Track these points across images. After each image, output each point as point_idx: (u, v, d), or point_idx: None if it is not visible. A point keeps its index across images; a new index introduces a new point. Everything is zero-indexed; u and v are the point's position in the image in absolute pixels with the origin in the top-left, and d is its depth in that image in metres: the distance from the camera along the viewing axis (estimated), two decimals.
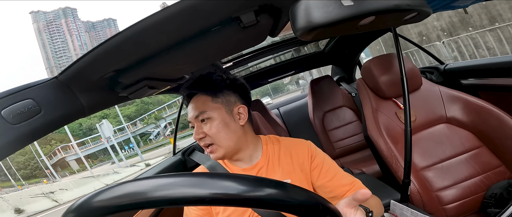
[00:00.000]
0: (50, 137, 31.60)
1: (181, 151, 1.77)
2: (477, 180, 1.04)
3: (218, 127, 0.74)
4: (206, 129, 0.74)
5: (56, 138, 32.62)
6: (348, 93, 2.23)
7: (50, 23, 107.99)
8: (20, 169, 27.43)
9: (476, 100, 1.10)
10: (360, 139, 2.05)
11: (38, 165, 28.43)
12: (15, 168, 27.55)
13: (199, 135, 0.74)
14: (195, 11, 0.43)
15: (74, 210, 0.28)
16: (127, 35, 0.44)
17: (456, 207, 1.02)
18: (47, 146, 31.58)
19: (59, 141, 32.24)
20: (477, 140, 1.09)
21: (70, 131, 28.55)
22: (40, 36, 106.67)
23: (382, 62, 1.20)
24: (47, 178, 24.95)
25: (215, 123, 0.74)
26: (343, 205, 0.47)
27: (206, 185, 0.27)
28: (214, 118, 0.75)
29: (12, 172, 27.29)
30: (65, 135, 30.69)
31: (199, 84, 0.77)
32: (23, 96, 0.47)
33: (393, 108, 1.19)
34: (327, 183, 0.78)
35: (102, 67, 0.53)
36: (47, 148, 31.28)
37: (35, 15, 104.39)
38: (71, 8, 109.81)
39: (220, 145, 0.74)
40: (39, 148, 24.67)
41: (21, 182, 24.96)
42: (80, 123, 35.36)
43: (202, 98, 0.76)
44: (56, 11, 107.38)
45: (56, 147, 29.96)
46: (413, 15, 0.52)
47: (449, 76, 1.51)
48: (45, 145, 31.56)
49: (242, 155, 0.80)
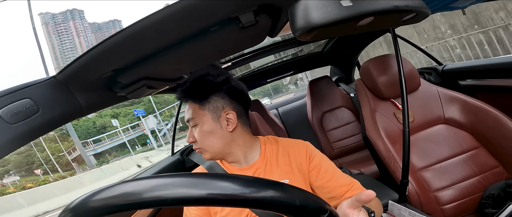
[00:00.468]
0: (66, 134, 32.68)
1: (180, 151, 1.77)
2: (475, 180, 1.04)
3: (204, 134, 0.78)
4: (195, 133, 0.79)
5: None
6: (346, 93, 2.23)
7: (58, 25, 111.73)
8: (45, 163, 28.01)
9: (474, 101, 1.10)
10: (359, 140, 2.05)
11: (59, 160, 29.15)
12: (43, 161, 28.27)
13: (190, 139, 0.80)
14: (194, 11, 0.43)
15: (71, 210, 0.28)
16: (126, 35, 0.44)
17: (453, 208, 1.02)
18: (64, 142, 32.52)
19: (84, 137, 33.64)
20: (475, 140, 1.10)
21: (85, 129, 32.66)
22: (49, 37, 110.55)
23: (381, 63, 1.20)
24: (69, 171, 26.64)
25: (201, 129, 0.78)
26: (346, 206, 0.48)
27: (203, 185, 0.27)
28: (201, 124, 0.78)
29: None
30: (80, 133, 32.60)
31: (188, 91, 0.80)
32: (20, 96, 0.47)
33: (391, 109, 1.19)
34: (325, 184, 0.78)
35: (100, 67, 0.53)
36: (64, 144, 32.38)
37: (44, 16, 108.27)
38: (78, 10, 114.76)
39: (206, 150, 0.79)
40: (60, 144, 25.82)
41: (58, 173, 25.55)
42: (93, 121, 37.12)
43: (192, 105, 0.80)
44: (64, 12, 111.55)
45: (73, 144, 31.43)
46: (412, 16, 0.52)
47: (447, 77, 1.52)
48: (63, 142, 32.66)
49: (233, 157, 0.82)
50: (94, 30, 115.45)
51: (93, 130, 36.07)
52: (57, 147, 28.60)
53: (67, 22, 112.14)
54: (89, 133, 35.03)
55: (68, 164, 30.65)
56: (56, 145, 30.76)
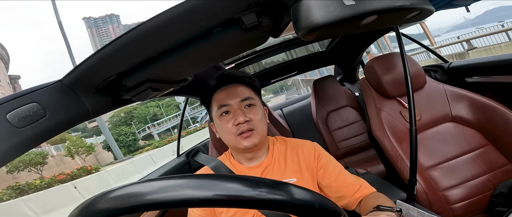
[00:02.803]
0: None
1: (185, 152, 1.78)
2: (484, 179, 1.02)
3: (261, 115, 0.79)
4: (251, 114, 0.77)
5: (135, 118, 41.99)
6: (351, 93, 2.22)
7: (100, 28, 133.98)
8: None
9: (481, 98, 1.08)
10: (364, 139, 2.04)
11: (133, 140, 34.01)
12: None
13: (246, 118, 0.75)
14: (196, 13, 0.43)
15: (78, 212, 0.28)
16: (129, 38, 0.44)
17: (463, 207, 1.01)
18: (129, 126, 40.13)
19: (142, 123, 42.02)
20: (483, 138, 1.08)
21: (143, 116, 41.22)
22: (93, 39, 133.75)
23: (385, 61, 1.19)
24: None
25: (259, 111, 0.79)
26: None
27: (211, 187, 0.27)
28: (258, 106, 0.80)
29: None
30: (141, 119, 41.63)
31: (241, 75, 0.83)
32: (28, 100, 0.47)
33: (397, 107, 1.18)
34: (333, 183, 0.79)
35: (105, 70, 0.53)
36: (131, 127, 39.52)
37: (88, 20, 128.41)
38: (115, 14, 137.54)
39: (259, 132, 0.77)
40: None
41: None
42: (148, 110, 43.86)
43: (244, 88, 0.81)
44: (103, 17, 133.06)
45: (137, 126, 40.26)
46: (416, 14, 0.52)
47: (454, 75, 1.50)
48: (128, 126, 40.05)
49: (260, 151, 0.83)
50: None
51: (149, 116, 42.54)
52: (130, 129, 34.54)
53: (107, 26, 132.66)
54: (147, 119, 42.16)
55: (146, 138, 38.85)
56: (128, 127, 37.15)
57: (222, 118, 0.78)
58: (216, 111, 0.80)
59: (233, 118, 0.76)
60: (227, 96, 0.78)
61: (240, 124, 0.75)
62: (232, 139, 0.77)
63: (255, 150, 0.81)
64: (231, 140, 0.78)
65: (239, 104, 0.77)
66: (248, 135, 0.75)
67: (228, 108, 0.78)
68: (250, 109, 0.78)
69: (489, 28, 9.11)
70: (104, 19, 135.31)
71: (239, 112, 0.76)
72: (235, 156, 0.86)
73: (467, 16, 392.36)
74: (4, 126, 0.44)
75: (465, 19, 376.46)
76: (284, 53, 2.09)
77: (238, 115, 0.75)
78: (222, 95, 0.79)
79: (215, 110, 0.80)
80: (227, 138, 0.79)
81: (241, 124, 0.75)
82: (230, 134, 0.77)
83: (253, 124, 0.76)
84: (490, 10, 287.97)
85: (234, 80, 0.81)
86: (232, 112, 0.77)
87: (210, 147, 1.31)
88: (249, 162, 0.83)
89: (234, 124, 0.75)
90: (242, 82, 0.81)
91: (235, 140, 0.77)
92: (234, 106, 0.77)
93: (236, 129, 0.76)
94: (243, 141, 0.75)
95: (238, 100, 0.77)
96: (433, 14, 0.56)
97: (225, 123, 0.77)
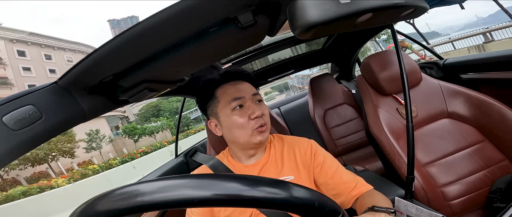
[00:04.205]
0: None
1: (183, 152, 1.77)
2: (481, 175, 1.03)
3: (268, 111, 0.81)
4: (263, 110, 0.77)
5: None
6: (348, 90, 2.23)
7: (122, 29, 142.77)
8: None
9: (477, 95, 1.09)
10: (362, 136, 2.04)
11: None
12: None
13: (260, 112, 0.75)
14: (192, 12, 0.43)
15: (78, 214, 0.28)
16: (125, 39, 0.44)
17: (461, 203, 1.01)
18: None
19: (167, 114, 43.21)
20: (480, 134, 1.09)
21: (170, 109, 43.10)
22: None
23: (381, 58, 1.20)
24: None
25: (266, 107, 0.80)
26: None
27: (211, 186, 0.27)
28: (264, 103, 0.82)
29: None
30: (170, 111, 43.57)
31: (248, 73, 0.84)
32: (23, 102, 0.47)
33: (394, 104, 1.19)
34: (329, 180, 0.79)
35: (101, 71, 0.53)
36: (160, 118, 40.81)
37: (112, 22, 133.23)
38: (135, 16, 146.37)
39: (268, 127, 0.78)
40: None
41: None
42: (174, 104, 45.81)
43: (249, 84, 0.82)
44: (125, 19, 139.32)
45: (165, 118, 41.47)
46: (410, 11, 0.52)
47: (449, 71, 1.51)
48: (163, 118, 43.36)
49: (261, 148, 0.84)
50: None
51: (172, 110, 44.64)
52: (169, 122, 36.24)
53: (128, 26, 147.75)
54: (174, 111, 44.35)
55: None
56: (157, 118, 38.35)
57: (234, 112, 0.76)
58: (226, 105, 0.77)
59: (247, 111, 0.75)
60: (239, 90, 0.77)
61: (257, 117, 0.74)
62: (247, 133, 0.75)
63: (261, 146, 0.82)
64: (245, 135, 0.75)
65: (252, 98, 0.77)
66: (264, 129, 0.76)
67: (242, 101, 0.76)
68: (260, 104, 0.79)
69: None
70: (126, 21, 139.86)
71: (253, 106, 0.76)
72: (235, 153, 0.85)
73: (480, 15, 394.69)
74: (0, 129, 0.43)
75: (478, 18, 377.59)
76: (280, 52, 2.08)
77: (255, 108, 0.75)
78: (233, 89, 0.78)
79: (223, 104, 0.78)
80: (240, 133, 0.76)
81: (259, 117, 0.75)
82: (245, 128, 0.75)
83: (265, 119, 0.77)
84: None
85: (241, 77, 0.82)
86: (246, 106, 0.76)
87: (208, 147, 1.30)
88: (248, 159, 0.83)
89: (251, 117, 0.74)
90: (248, 80, 0.82)
91: (250, 134, 0.75)
92: (247, 100, 0.77)
93: (253, 123, 0.74)
94: (259, 135, 0.75)
95: (251, 94, 0.78)
96: (427, 11, 0.56)
97: (239, 117, 0.75)
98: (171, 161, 1.69)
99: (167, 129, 29.66)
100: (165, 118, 33.53)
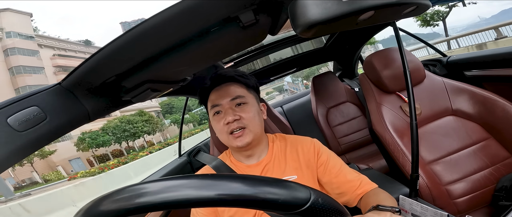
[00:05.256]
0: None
1: (187, 152, 1.78)
2: (487, 172, 1.02)
3: (254, 112, 0.79)
4: (242, 113, 0.77)
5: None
6: (351, 88, 2.21)
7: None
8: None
9: (481, 92, 1.08)
10: (365, 134, 2.04)
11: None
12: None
13: (235, 116, 0.76)
14: (193, 12, 0.43)
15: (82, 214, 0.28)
16: (126, 39, 0.44)
17: (466, 201, 1.00)
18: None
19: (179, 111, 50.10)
20: (484, 131, 1.08)
21: (180, 106, 46.34)
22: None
23: (384, 56, 1.19)
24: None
25: (252, 108, 0.79)
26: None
27: (217, 186, 0.27)
28: (251, 104, 0.80)
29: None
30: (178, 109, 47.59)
31: (234, 74, 0.82)
32: (28, 104, 0.47)
33: (397, 102, 1.18)
34: (333, 179, 0.78)
35: (104, 72, 0.53)
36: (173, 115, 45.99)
37: (123, 24, 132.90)
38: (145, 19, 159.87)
39: (251, 130, 0.77)
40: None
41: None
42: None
43: (236, 86, 0.81)
44: (136, 21, 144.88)
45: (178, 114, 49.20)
46: (412, 9, 0.52)
47: (453, 68, 1.49)
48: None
49: (257, 149, 0.83)
50: None
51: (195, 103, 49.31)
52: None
53: None
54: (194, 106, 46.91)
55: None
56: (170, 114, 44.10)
57: (214, 117, 0.80)
58: (210, 110, 0.82)
59: (223, 117, 0.77)
60: (218, 97, 0.79)
61: (229, 123, 0.76)
62: (225, 138, 0.78)
63: (251, 148, 0.81)
64: (225, 139, 0.79)
65: (229, 104, 0.78)
66: (239, 134, 0.76)
67: (219, 108, 0.79)
68: (241, 107, 0.78)
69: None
70: (136, 23, 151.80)
71: (229, 111, 0.77)
72: (234, 154, 0.87)
73: (482, 16, 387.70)
74: (5, 130, 0.44)
75: (480, 19, 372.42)
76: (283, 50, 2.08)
77: (228, 114, 0.76)
78: (214, 95, 0.80)
79: (209, 109, 0.83)
80: (221, 137, 0.80)
81: (230, 123, 0.76)
82: (222, 133, 0.78)
83: (244, 122, 0.76)
84: (506, 10, 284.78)
85: (226, 79, 0.82)
86: (223, 111, 0.78)
87: (211, 146, 1.31)
88: (248, 159, 0.83)
89: (224, 123, 0.76)
90: (234, 80, 0.82)
91: (227, 139, 0.78)
92: (225, 106, 0.78)
93: (227, 128, 0.76)
94: (235, 140, 0.76)
95: (229, 100, 0.78)
96: (429, 8, 0.56)
97: (217, 123, 0.79)
98: (175, 161, 1.69)
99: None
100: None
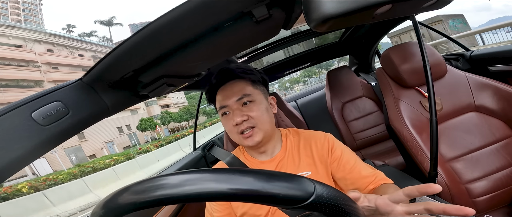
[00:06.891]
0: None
1: (202, 146, 1.81)
2: (509, 171, 0.98)
3: (262, 110, 0.77)
4: (250, 112, 0.75)
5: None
6: (367, 83, 2.16)
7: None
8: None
9: (506, 87, 1.03)
10: (382, 130, 1.99)
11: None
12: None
13: (243, 117, 0.75)
14: (207, 7, 0.44)
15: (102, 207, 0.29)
16: (143, 36, 0.45)
17: (486, 200, 0.97)
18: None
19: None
20: (508, 128, 1.03)
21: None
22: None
23: (402, 50, 1.15)
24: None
25: (260, 106, 0.77)
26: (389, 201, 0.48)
27: (230, 180, 0.27)
28: (258, 101, 0.78)
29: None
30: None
31: (237, 71, 0.80)
32: (51, 99, 0.49)
33: (416, 97, 1.14)
34: (347, 175, 0.76)
35: (122, 68, 0.55)
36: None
37: (132, 26, 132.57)
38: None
39: (261, 128, 0.76)
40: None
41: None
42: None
43: (241, 84, 0.79)
44: (143, 23, 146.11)
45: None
46: (433, 2, 0.49)
47: (476, 63, 1.43)
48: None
49: (269, 145, 0.82)
50: None
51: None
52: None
53: None
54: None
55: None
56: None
57: (223, 118, 0.79)
58: (219, 112, 0.81)
59: (232, 118, 0.76)
60: (225, 97, 0.78)
61: (238, 124, 0.75)
62: (236, 137, 0.78)
63: (263, 145, 0.80)
64: (236, 139, 0.78)
65: (236, 104, 0.77)
66: (249, 134, 0.75)
67: (227, 109, 0.78)
68: (248, 106, 0.76)
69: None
70: (144, 25, 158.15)
71: (237, 111, 0.76)
72: (248, 150, 0.87)
73: (472, 25, 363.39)
74: (30, 124, 0.46)
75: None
76: (297, 45, 2.06)
77: (236, 115, 0.75)
78: (221, 96, 0.79)
79: (218, 111, 0.81)
80: (232, 137, 0.79)
81: (239, 124, 0.75)
82: (233, 133, 0.78)
83: (253, 122, 0.75)
84: (494, 20, 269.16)
85: (230, 76, 0.80)
86: (231, 112, 0.77)
87: (225, 140, 1.32)
88: (262, 156, 0.83)
89: (233, 124, 0.76)
90: (238, 77, 0.80)
91: (239, 139, 0.77)
92: (232, 106, 0.77)
93: (237, 129, 0.76)
94: (246, 140, 0.76)
95: (235, 100, 0.76)
96: (451, 2, 0.53)
97: (226, 123, 0.78)
98: (190, 154, 1.73)
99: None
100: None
